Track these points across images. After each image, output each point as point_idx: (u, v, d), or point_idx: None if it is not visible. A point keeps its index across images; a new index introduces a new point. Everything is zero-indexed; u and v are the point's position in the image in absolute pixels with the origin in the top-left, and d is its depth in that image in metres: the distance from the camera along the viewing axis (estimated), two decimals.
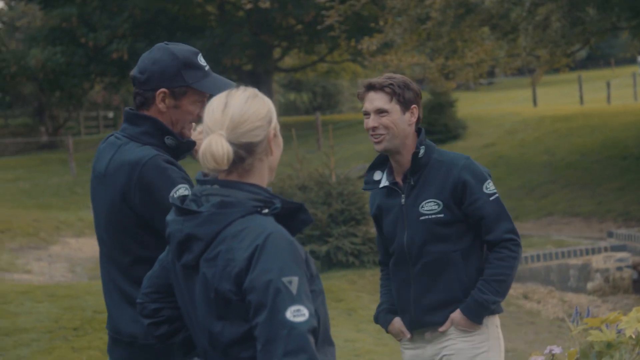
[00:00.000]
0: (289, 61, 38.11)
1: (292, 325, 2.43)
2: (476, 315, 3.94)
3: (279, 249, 2.49)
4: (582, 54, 69.10)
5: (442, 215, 3.89)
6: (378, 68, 25.06)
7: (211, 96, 2.76)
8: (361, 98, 3.98)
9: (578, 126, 24.22)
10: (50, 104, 34.80)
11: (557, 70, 19.64)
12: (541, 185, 20.40)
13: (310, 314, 2.46)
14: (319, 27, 21.03)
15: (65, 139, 26.64)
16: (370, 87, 3.93)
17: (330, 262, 11.83)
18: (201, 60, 3.32)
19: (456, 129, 25.94)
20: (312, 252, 11.76)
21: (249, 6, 17.85)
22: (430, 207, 3.91)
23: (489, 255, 3.97)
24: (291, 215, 2.62)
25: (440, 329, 3.99)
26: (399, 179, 4.01)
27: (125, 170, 3.19)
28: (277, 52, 33.83)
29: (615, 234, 14.06)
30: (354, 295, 10.84)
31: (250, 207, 2.56)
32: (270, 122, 2.65)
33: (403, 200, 3.97)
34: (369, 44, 19.31)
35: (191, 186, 3.15)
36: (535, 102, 32.60)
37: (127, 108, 3.41)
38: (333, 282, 11.25)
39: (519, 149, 23.54)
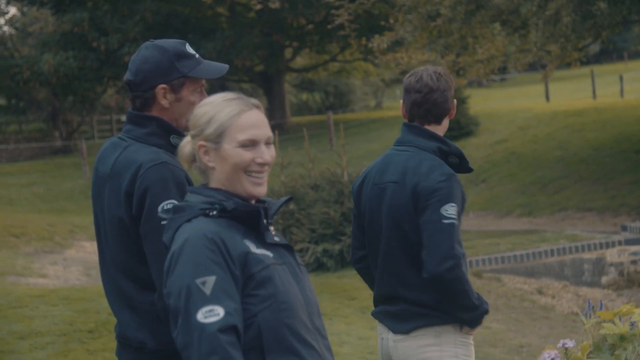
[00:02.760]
0: (300, 61, 38.13)
1: (203, 327, 2.39)
2: None
3: (195, 250, 2.47)
4: (596, 48, 68.89)
5: None
6: (390, 66, 25.03)
7: (208, 82, 2.80)
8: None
9: (590, 121, 24.14)
10: (64, 108, 34.93)
11: (568, 65, 19.55)
12: (554, 181, 20.34)
13: (226, 313, 2.41)
14: (329, 27, 21.04)
15: (79, 143, 26.72)
16: None
17: (343, 261, 11.84)
18: (190, 49, 3.30)
19: (468, 126, 25.91)
20: (325, 251, 11.77)
21: (258, 7, 17.91)
22: None
23: None
24: (251, 218, 2.61)
25: None
26: None
27: (133, 170, 3.17)
28: (288, 52, 33.87)
29: (630, 227, 14.02)
30: (367, 293, 10.84)
31: (197, 211, 2.57)
32: (201, 133, 2.63)
33: None
34: (379, 42, 19.29)
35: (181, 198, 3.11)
36: (547, 98, 32.50)
37: (129, 109, 3.39)
38: (346, 280, 11.27)
39: (531, 144, 23.48)
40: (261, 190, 2.66)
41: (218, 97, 2.67)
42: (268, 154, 2.64)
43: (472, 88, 52.61)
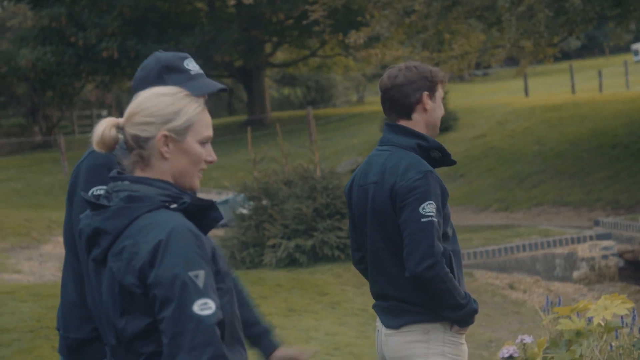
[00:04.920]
0: (281, 56, 38.10)
1: (200, 319, 2.44)
2: None
3: (184, 243, 2.50)
4: (577, 43, 69.14)
5: None
6: (370, 61, 25.05)
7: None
8: (442, 82, 4.01)
9: (568, 116, 24.25)
10: (43, 103, 34.79)
11: (541, 61, 19.61)
12: (531, 175, 20.44)
13: (216, 307, 2.48)
14: (304, 22, 21.03)
15: (58, 138, 26.64)
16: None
17: (316, 256, 11.86)
18: (188, 65, 3.29)
19: (447, 121, 25.95)
20: (298, 247, 11.79)
21: (232, 1, 17.87)
22: None
23: None
24: (202, 213, 2.64)
25: None
26: None
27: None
28: (268, 48, 33.83)
29: (602, 222, 14.10)
30: (339, 288, 10.87)
31: (158, 202, 2.58)
32: (165, 122, 2.64)
33: None
34: (356, 37, 19.32)
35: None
36: (527, 92, 32.61)
37: None
38: (319, 276, 11.28)
39: (509, 139, 23.58)
40: (199, 186, 2.74)
41: (175, 90, 2.70)
42: (214, 153, 2.74)
43: (454, 83, 52.67)
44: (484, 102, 30.76)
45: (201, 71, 3.32)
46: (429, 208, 3.70)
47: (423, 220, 3.68)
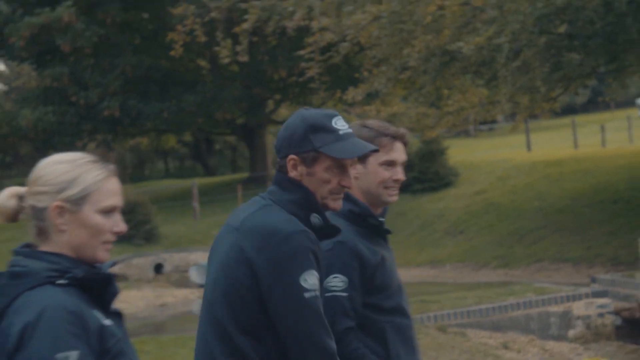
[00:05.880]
0: (284, 113, 38.20)
1: None
2: None
3: (55, 322, 2.34)
4: (583, 97, 69.22)
5: None
6: (370, 116, 25.07)
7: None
8: (384, 146, 3.58)
9: (570, 171, 24.11)
10: None
11: (536, 117, 19.55)
12: (532, 232, 20.24)
13: None
14: (300, 80, 21.02)
15: None
16: (400, 138, 3.64)
17: None
18: (337, 124, 3.06)
19: (448, 177, 25.86)
20: None
21: (227, 60, 17.93)
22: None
23: None
24: (101, 286, 2.48)
25: None
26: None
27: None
28: (270, 105, 33.92)
29: (599, 279, 13.88)
30: None
31: (42, 278, 2.42)
32: (59, 192, 2.48)
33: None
34: (354, 94, 19.30)
35: None
36: (529, 147, 32.52)
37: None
38: None
39: (510, 195, 23.42)
40: (107, 257, 2.58)
41: (77, 157, 2.55)
42: (123, 223, 2.55)
43: (459, 138, 52.63)
44: (485, 157, 30.67)
45: (350, 130, 3.09)
46: (332, 282, 3.45)
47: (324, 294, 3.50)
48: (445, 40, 16.77)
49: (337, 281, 3.44)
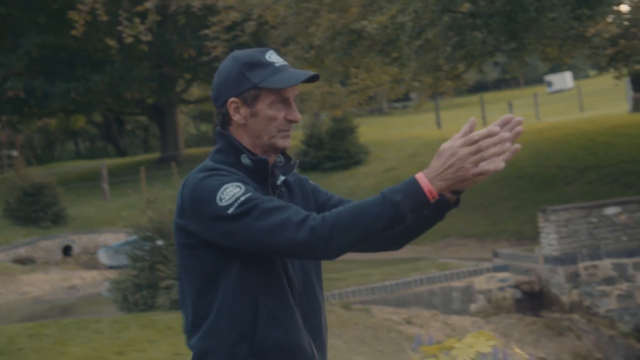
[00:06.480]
0: (195, 92, 37.89)
1: None
2: None
3: None
4: (494, 74, 70.23)
5: None
6: None
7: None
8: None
9: None
10: None
11: (442, 95, 19.78)
12: None
13: None
14: (205, 59, 20.90)
15: None
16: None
17: None
18: (271, 57, 2.88)
19: (358, 155, 26.02)
20: None
21: (129, 40, 17.67)
22: None
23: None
24: None
25: None
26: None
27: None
28: (180, 84, 33.60)
29: (500, 254, 14.16)
30: None
31: None
32: None
33: None
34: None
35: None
36: (439, 125, 32.92)
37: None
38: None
39: (419, 172, 23.69)
40: None
41: None
42: None
43: (373, 116, 53.02)
44: (398, 135, 30.94)
45: (285, 62, 2.92)
46: None
47: None
48: (352, 19, 16.84)
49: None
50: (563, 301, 12.62)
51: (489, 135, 2.61)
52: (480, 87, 68.00)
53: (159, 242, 12.35)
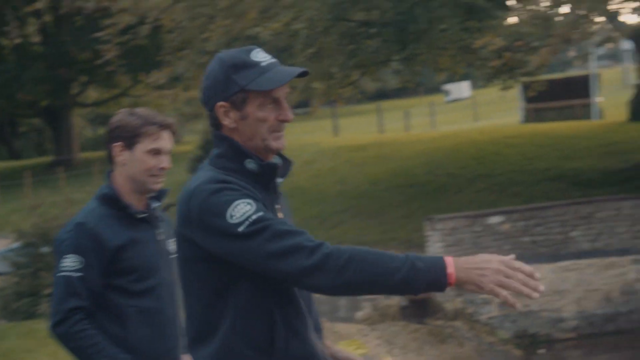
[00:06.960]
0: (94, 95, 37.33)
1: None
2: None
3: None
4: (394, 83, 71.07)
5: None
6: (165, 102, 24.87)
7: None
8: (150, 134, 3.67)
9: (372, 156, 24.75)
10: None
11: (334, 102, 19.95)
12: (333, 215, 20.67)
13: None
14: (97, 62, 20.64)
15: None
16: (167, 127, 3.68)
17: None
18: (257, 57, 2.80)
19: None
20: None
21: (17, 40, 17.36)
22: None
23: None
24: None
25: None
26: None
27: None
28: (76, 87, 33.08)
29: None
30: None
31: None
32: None
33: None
34: (157, 77, 19.12)
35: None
36: (336, 132, 33.18)
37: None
38: None
39: (314, 179, 23.82)
40: None
41: None
42: None
43: None
44: (296, 141, 31.06)
45: (273, 60, 2.83)
46: (64, 262, 3.58)
47: (56, 274, 3.60)
48: (248, 25, 16.86)
49: (69, 261, 3.55)
50: (447, 309, 12.85)
51: (529, 274, 2.62)
52: (381, 95, 68.70)
53: (44, 249, 12.12)
